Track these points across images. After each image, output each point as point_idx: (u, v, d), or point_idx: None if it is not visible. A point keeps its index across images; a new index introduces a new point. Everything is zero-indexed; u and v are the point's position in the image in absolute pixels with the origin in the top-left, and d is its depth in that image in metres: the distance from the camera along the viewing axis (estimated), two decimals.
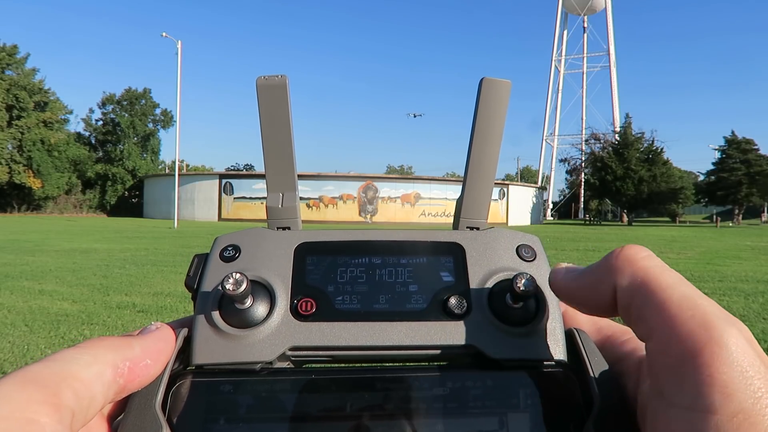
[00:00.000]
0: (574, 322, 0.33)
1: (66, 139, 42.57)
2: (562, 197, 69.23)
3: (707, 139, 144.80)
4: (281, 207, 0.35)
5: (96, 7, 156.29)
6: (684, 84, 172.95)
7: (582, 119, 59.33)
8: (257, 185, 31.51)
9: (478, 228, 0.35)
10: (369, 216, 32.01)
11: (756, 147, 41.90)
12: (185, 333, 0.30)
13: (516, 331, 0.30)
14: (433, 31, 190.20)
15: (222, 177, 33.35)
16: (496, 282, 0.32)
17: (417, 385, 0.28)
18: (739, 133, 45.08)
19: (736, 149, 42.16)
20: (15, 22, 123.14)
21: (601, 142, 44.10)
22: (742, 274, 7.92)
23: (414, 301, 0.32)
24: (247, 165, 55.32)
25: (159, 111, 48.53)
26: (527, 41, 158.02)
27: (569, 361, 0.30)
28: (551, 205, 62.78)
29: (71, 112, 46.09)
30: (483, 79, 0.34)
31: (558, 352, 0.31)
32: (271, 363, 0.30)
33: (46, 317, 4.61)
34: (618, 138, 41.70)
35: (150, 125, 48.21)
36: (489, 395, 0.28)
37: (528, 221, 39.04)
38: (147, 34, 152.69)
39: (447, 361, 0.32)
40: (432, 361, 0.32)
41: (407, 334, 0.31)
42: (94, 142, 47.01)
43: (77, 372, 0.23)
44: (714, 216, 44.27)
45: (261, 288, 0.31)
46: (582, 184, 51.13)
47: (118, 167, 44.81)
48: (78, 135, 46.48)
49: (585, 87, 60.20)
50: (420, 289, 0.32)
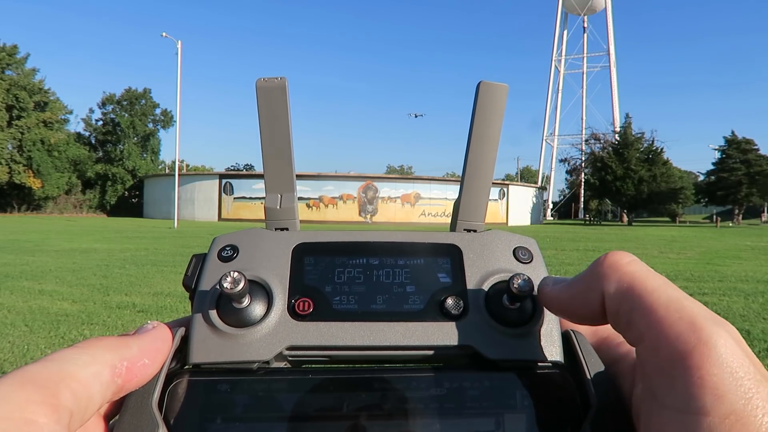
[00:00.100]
0: (570, 323, 0.33)
1: (66, 139, 42.59)
2: (562, 197, 69.27)
3: (707, 139, 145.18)
4: (279, 208, 0.35)
5: (96, 7, 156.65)
6: (684, 84, 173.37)
7: (582, 119, 59.38)
8: (257, 185, 31.42)
9: (475, 230, 0.35)
10: (369, 216, 31.99)
11: (756, 147, 41.95)
12: (182, 332, 0.30)
13: (513, 332, 0.31)
14: (433, 32, 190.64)
15: (222, 177, 33.34)
16: (493, 283, 0.32)
17: (414, 386, 0.28)
18: (739, 133, 45.25)
19: (736, 149, 42.19)
20: (15, 22, 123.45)
21: (601, 142, 44.11)
22: (742, 274, 7.92)
23: (411, 302, 0.32)
24: (247, 165, 55.32)
25: (159, 111, 48.64)
26: (527, 41, 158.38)
27: (566, 363, 0.30)
28: (551, 205, 62.80)
29: (71, 112, 46.30)
30: (480, 83, 0.34)
31: (554, 353, 0.31)
32: (268, 362, 0.30)
33: (46, 317, 4.61)
34: (618, 138, 41.72)
35: (150, 125, 48.27)
36: (486, 396, 0.28)
37: (528, 221, 39.01)
38: (147, 34, 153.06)
39: (444, 362, 0.32)
40: (429, 362, 0.32)
41: (404, 334, 0.31)
42: (94, 142, 47.06)
43: (75, 372, 0.23)
44: (714, 216, 44.34)
45: (259, 287, 0.31)
46: (582, 184, 51.15)
47: (118, 167, 44.84)
48: (78, 135, 46.55)
49: (585, 87, 60.26)
50: (417, 290, 0.32)
